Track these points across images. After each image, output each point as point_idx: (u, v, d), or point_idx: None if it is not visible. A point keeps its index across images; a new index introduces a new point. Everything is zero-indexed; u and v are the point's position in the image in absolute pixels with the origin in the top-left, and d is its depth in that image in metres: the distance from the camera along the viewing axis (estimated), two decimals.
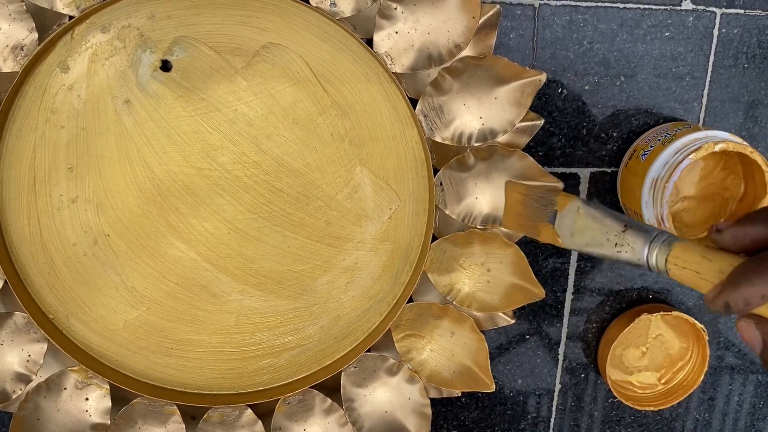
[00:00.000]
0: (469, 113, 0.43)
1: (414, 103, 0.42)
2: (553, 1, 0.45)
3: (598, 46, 0.47)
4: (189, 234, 0.44)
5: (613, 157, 0.49)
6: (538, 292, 0.44)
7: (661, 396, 0.53)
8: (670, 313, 0.50)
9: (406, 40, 0.41)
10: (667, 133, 0.46)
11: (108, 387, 0.44)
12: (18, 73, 0.39)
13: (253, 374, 0.47)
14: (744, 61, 0.49)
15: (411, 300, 0.46)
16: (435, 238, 0.45)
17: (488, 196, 0.44)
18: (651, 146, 0.46)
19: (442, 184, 0.44)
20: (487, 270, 0.46)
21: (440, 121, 0.43)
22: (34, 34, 0.38)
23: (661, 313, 0.49)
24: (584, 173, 0.49)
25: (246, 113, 0.42)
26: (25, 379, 0.43)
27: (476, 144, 0.43)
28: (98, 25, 0.40)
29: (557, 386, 0.53)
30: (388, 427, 0.47)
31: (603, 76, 0.47)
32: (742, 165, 0.46)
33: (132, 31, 0.41)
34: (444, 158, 0.44)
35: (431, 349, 0.47)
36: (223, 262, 0.44)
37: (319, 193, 0.44)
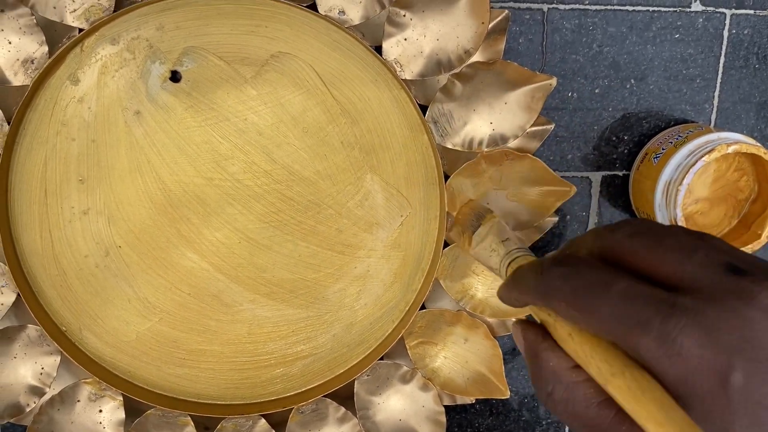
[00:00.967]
0: (479, 119, 0.42)
1: (424, 109, 0.42)
2: (561, 5, 0.45)
3: (608, 50, 0.47)
4: (200, 244, 0.44)
5: (625, 160, 0.49)
6: None
7: None
8: None
9: (415, 47, 0.41)
10: (679, 136, 0.45)
11: (121, 398, 0.44)
12: (29, 87, 0.39)
13: (266, 383, 0.47)
14: (755, 62, 0.49)
15: (423, 307, 0.46)
16: (447, 245, 0.45)
17: (500, 202, 0.44)
18: (663, 149, 0.45)
19: (453, 190, 0.43)
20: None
21: (450, 127, 0.42)
22: (45, 47, 0.39)
23: None
24: (596, 177, 0.49)
25: (256, 122, 0.42)
26: (39, 392, 0.43)
27: (487, 149, 0.43)
28: (108, 37, 0.40)
29: None
30: None
31: (613, 79, 0.47)
32: (755, 166, 0.46)
33: (141, 43, 0.41)
34: (454, 164, 0.44)
35: (445, 356, 0.47)
36: (235, 272, 0.44)
37: (330, 201, 0.44)
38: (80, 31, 0.39)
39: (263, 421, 0.45)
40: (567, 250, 0.26)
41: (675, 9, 0.47)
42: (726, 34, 0.48)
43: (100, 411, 0.44)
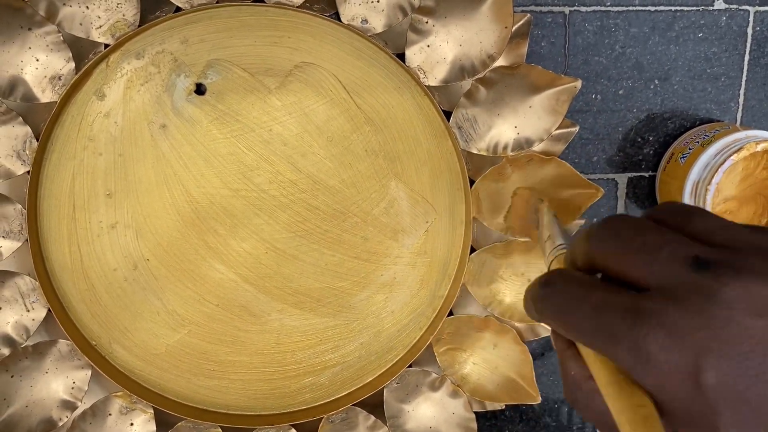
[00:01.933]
0: (504, 123, 0.42)
1: (448, 115, 0.42)
2: (583, 8, 0.45)
3: (631, 50, 0.46)
4: (228, 255, 0.44)
5: (650, 161, 0.48)
6: None
7: None
8: None
9: (439, 53, 0.41)
10: (706, 135, 0.45)
11: (152, 411, 0.44)
12: (56, 103, 0.39)
13: (296, 393, 0.47)
14: None
15: (451, 313, 0.46)
16: (473, 250, 0.45)
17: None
18: (690, 149, 0.45)
19: (479, 195, 0.43)
20: (528, 280, 0.45)
21: (475, 132, 0.42)
22: (71, 64, 0.39)
23: None
24: (622, 179, 0.48)
25: (281, 133, 0.42)
26: (71, 407, 0.43)
27: (512, 153, 0.42)
28: (133, 52, 0.40)
29: None
30: None
31: (637, 80, 0.47)
32: None
33: (166, 56, 0.41)
34: (480, 169, 0.44)
35: (474, 363, 0.47)
36: (263, 282, 0.44)
37: (356, 209, 0.44)
38: (106, 46, 0.39)
39: (294, 431, 0.45)
40: (568, 257, 0.26)
41: (698, 8, 0.46)
42: (750, 31, 0.47)
43: (132, 424, 0.44)
